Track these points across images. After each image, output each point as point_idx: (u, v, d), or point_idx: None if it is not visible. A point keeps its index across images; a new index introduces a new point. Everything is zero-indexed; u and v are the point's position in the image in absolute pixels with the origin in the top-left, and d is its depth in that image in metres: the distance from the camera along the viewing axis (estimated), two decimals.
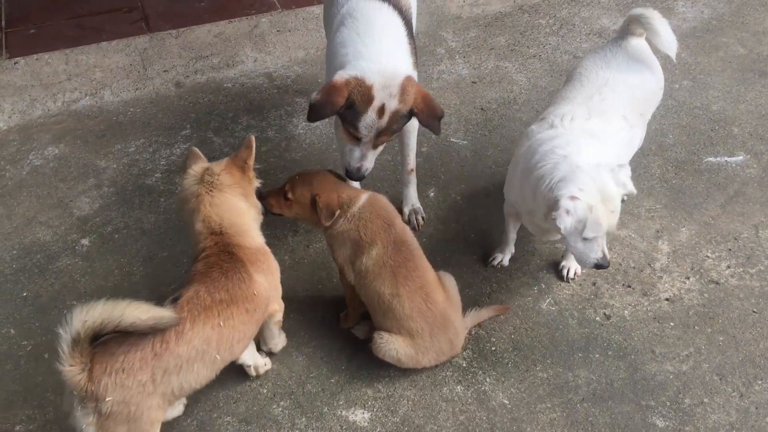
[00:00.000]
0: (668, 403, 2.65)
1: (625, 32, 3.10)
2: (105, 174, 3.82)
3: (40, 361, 2.88)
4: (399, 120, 2.57)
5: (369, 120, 2.54)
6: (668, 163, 3.75)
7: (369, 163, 2.76)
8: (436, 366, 2.77)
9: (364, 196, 2.75)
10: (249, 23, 4.89)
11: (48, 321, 3.03)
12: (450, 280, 2.80)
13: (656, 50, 3.12)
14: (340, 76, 2.51)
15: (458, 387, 2.73)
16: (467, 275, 3.16)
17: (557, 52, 4.69)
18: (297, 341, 2.92)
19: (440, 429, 2.59)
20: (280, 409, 2.68)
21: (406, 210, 3.42)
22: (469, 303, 2.93)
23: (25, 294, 3.16)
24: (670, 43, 2.98)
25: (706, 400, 2.66)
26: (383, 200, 2.80)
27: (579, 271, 3.12)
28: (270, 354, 2.83)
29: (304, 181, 2.78)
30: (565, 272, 3.12)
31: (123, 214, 3.56)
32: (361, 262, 2.69)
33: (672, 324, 2.93)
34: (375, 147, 2.70)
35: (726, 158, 3.75)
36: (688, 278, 3.12)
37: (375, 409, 2.67)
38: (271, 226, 3.43)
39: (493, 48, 4.73)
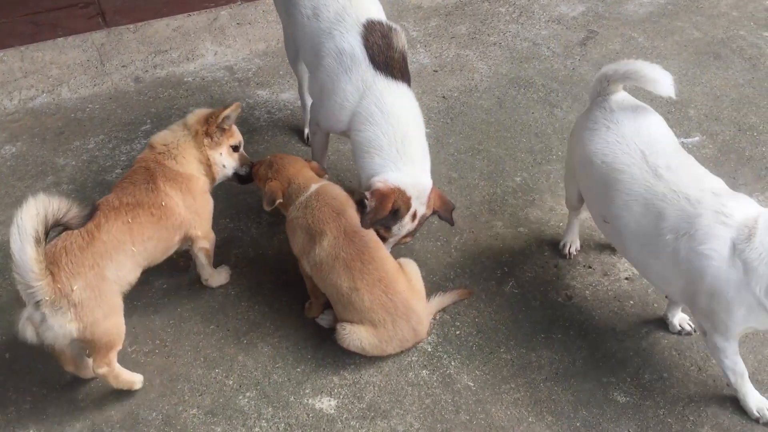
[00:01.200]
0: (629, 380, 2.70)
1: (604, 93, 2.83)
2: (64, 171, 3.77)
3: (0, 360, 2.84)
4: (424, 222, 2.95)
5: (405, 223, 2.84)
6: None
7: None
8: (402, 352, 2.78)
9: (315, 186, 2.80)
10: (208, 16, 4.84)
11: (8, 320, 2.98)
12: (412, 267, 2.82)
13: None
14: (386, 185, 2.77)
15: (424, 371, 2.75)
16: (431, 261, 3.18)
17: (517, 40, 4.72)
18: (262, 332, 2.92)
19: (406, 413, 2.61)
20: (246, 399, 2.68)
21: None
22: (432, 288, 2.95)
23: None
24: (669, 84, 2.64)
25: (665, 375, 2.72)
26: (335, 190, 2.82)
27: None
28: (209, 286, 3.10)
29: (272, 162, 2.91)
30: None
31: None
32: (315, 253, 2.70)
33: (632, 302, 2.98)
34: (396, 245, 2.99)
35: (683, 139, 3.81)
36: None
37: (341, 396, 2.68)
38: (234, 219, 3.43)
39: (454, 36, 4.76)
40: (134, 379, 2.69)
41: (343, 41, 2.96)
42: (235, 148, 2.98)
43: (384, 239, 2.86)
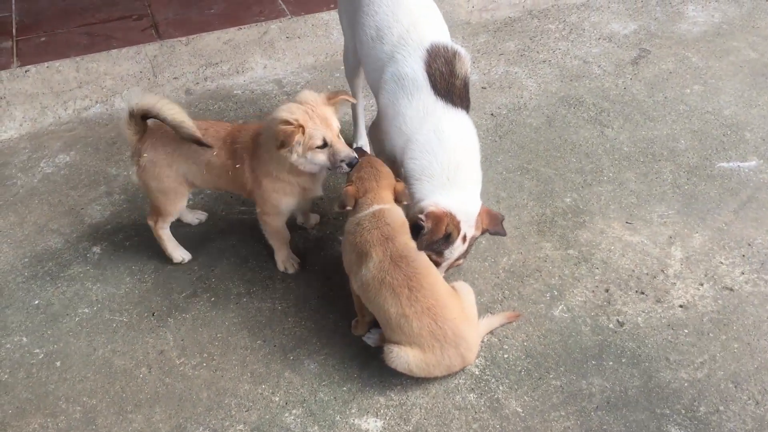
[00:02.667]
0: (683, 411, 2.62)
1: None
2: (116, 181, 3.83)
3: (51, 369, 2.88)
4: (474, 243, 2.93)
5: (457, 246, 2.81)
6: (680, 168, 3.73)
7: None
8: (449, 374, 2.75)
9: (376, 207, 2.75)
10: (258, 30, 4.89)
11: (60, 329, 3.04)
12: (467, 292, 2.78)
13: None
14: (438, 208, 2.76)
15: (471, 395, 2.71)
16: (479, 282, 3.14)
17: (567, 57, 4.67)
18: (309, 349, 2.91)
19: None
20: (292, 417, 2.67)
21: None
22: (480, 310, 2.91)
23: (36, 302, 3.16)
24: None
25: (721, 408, 2.64)
26: (393, 215, 2.76)
27: None
28: None
29: (361, 166, 2.85)
30: None
31: (134, 221, 3.56)
32: (361, 273, 2.69)
33: (686, 331, 2.91)
34: (448, 268, 2.95)
35: (738, 163, 3.73)
36: (701, 285, 3.09)
37: (387, 417, 2.66)
38: None
39: (503, 53, 4.73)
40: (173, 254, 3.29)
41: (406, 66, 2.95)
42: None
43: (437, 264, 2.84)
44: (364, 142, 3.93)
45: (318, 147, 2.79)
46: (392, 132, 3.00)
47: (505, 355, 2.85)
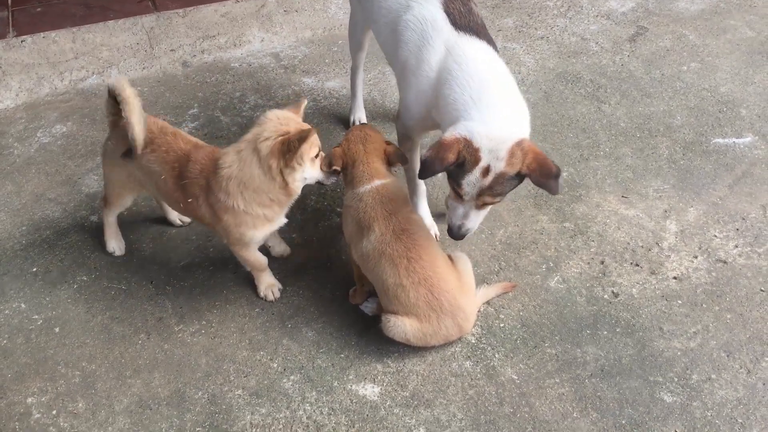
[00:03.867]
0: (676, 379, 2.66)
1: None
2: None
3: (50, 335, 2.89)
4: (505, 182, 2.51)
5: (472, 178, 2.50)
6: (676, 144, 3.75)
7: (471, 223, 2.68)
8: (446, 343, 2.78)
9: (377, 182, 2.74)
10: (256, 3, 4.87)
11: (58, 296, 3.05)
12: (464, 263, 2.79)
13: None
14: (450, 134, 2.50)
15: (467, 362, 2.75)
16: (476, 253, 3.17)
17: (565, 34, 4.68)
18: (306, 317, 2.93)
19: (449, 403, 2.61)
20: (290, 383, 2.70)
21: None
22: (477, 281, 2.92)
23: (35, 269, 3.17)
24: None
25: (713, 376, 2.68)
26: (394, 189, 2.75)
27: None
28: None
29: (350, 134, 2.84)
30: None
31: None
32: (362, 245, 2.71)
33: (680, 302, 2.94)
34: (478, 207, 2.65)
35: (734, 139, 3.75)
36: (695, 257, 3.13)
37: (384, 384, 2.69)
38: None
39: (501, 29, 4.72)
40: (108, 242, 3.21)
41: (423, 9, 2.78)
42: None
43: (459, 198, 2.62)
44: (361, 114, 3.93)
45: (314, 156, 2.66)
46: (421, 83, 2.76)
47: (501, 325, 2.88)
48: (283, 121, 2.60)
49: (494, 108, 2.52)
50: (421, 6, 2.81)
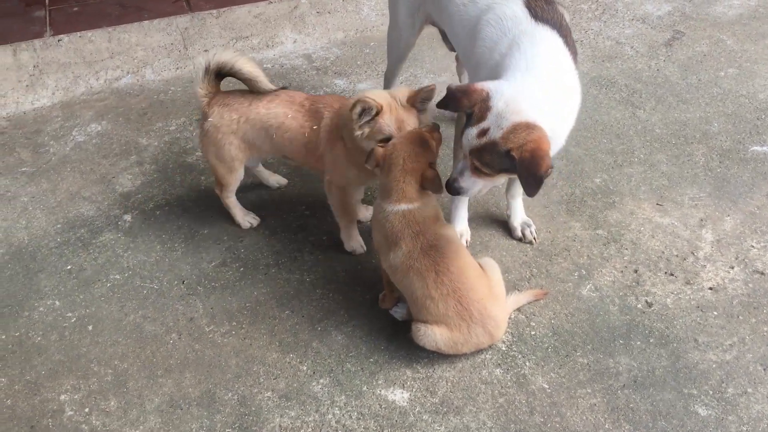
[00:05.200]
0: (711, 392, 2.61)
1: None
2: (146, 152, 3.87)
3: (83, 333, 2.93)
4: (493, 153, 2.40)
5: (470, 133, 2.44)
6: (712, 151, 3.69)
7: (465, 183, 2.60)
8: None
9: (404, 206, 2.66)
10: (289, 4, 4.89)
11: (92, 294, 3.08)
12: (494, 269, 2.77)
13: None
14: (481, 83, 2.44)
15: (497, 370, 2.72)
16: (507, 259, 3.14)
17: (599, 38, 4.62)
18: (336, 320, 2.93)
19: (479, 411, 2.59)
20: (319, 386, 2.70)
21: (516, 224, 3.24)
22: (508, 288, 2.90)
23: (69, 267, 3.21)
24: None
25: (749, 390, 2.62)
26: (424, 214, 2.68)
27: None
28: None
29: (396, 142, 2.71)
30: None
31: (164, 191, 3.60)
32: (389, 257, 2.70)
33: (715, 313, 2.89)
34: (474, 171, 2.55)
35: None
36: (732, 268, 3.07)
37: (414, 389, 2.68)
38: (310, 206, 3.46)
39: None
40: (242, 222, 3.36)
41: (504, 7, 2.70)
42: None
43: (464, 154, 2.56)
44: None
45: (379, 141, 2.76)
46: (487, 69, 2.67)
47: (532, 332, 2.86)
48: (393, 101, 2.77)
49: (537, 83, 2.43)
50: (504, 5, 2.73)
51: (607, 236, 3.24)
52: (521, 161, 2.33)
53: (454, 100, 2.47)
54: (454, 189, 2.66)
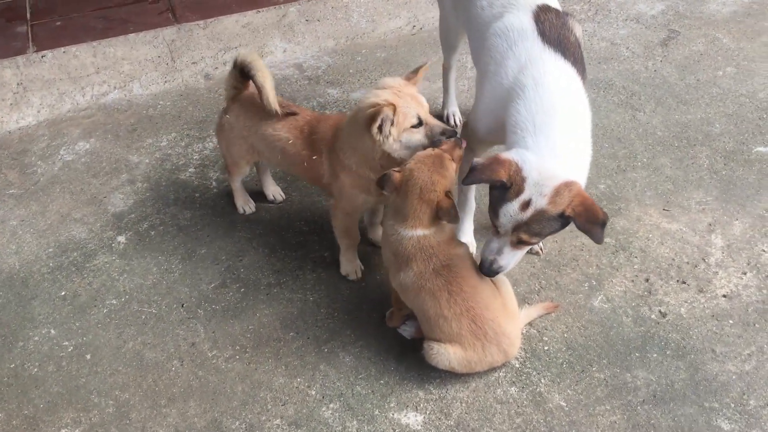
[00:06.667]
0: (732, 405, 2.55)
1: None
2: (138, 169, 3.75)
3: (81, 362, 2.82)
4: (544, 221, 2.36)
5: (511, 209, 2.37)
6: (716, 153, 3.63)
7: (504, 261, 2.52)
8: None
9: (419, 232, 2.56)
10: (277, 13, 4.79)
11: (88, 320, 2.98)
12: (506, 287, 2.69)
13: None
14: (507, 155, 2.39)
15: (512, 388, 2.65)
16: (514, 272, 3.04)
17: (594, 39, 4.57)
18: (343, 341, 2.85)
19: None
20: (329, 411, 2.61)
21: None
22: (518, 301, 2.81)
23: (63, 293, 3.10)
24: None
25: None
26: (438, 237, 2.58)
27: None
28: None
29: (414, 168, 2.55)
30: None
31: (158, 210, 3.49)
32: (400, 276, 2.61)
33: (731, 321, 2.83)
34: (514, 245, 2.49)
35: None
36: (744, 273, 3.01)
37: (428, 412, 2.59)
38: (309, 222, 3.37)
39: None
40: (237, 204, 3.44)
41: (513, 17, 2.66)
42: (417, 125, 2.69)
43: (497, 231, 2.49)
44: (455, 109, 3.93)
45: (413, 126, 2.65)
46: (494, 90, 2.62)
47: (546, 348, 2.78)
48: (392, 89, 2.68)
49: (553, 142, 2.39)
50: (513, 14, 2.69)
51: (615, 244, 3.17)
52: (578, 217, 2.34)
53: (486, 171, 2.38)
54: (492, 270, 2.54)
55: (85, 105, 4.25)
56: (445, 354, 2.55)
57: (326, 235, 3.27)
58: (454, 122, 3.89)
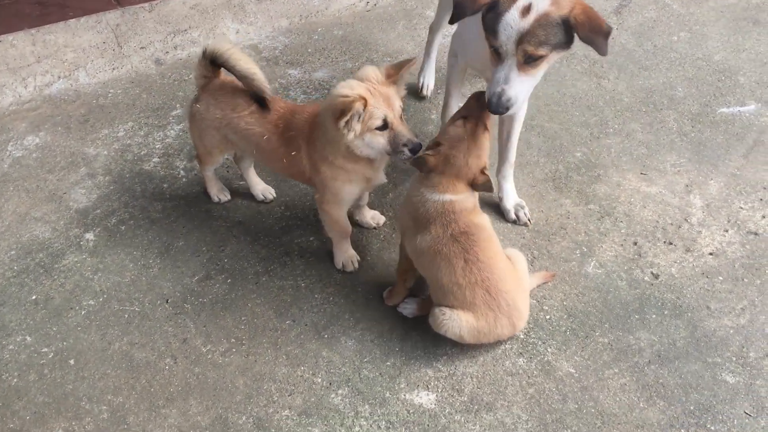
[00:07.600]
0: (734, 359, 2.62)
1: None
2: (96, 162, 3.54)
3: (65, 368, 2.65)
4: (549, 28, 2.16)
5: (509, 19, 2.16)
6: (683, 116, 3.71)
7: (513, 90, 2.30)
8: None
9: (448, 197, 2.51)
10: None
11: (66, 324, 2.79)
12: (520, 260, 2.66)
13: None
14: None
15: (520, 359, 2.64)
16: (505, 243, 3.04)
17: None
18: (343, 325, 2.77)
19: (511, 404, 2.50)
20: (339, 398, 2.54)
21: (509, 207, 3.14)
22: None
23: (34, 297, 2.90)
24: None
25: None
26: (463, 205, 2.54)
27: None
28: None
29: (448, 151, 2.50)
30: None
31: (125, 203, 3.31)
32: (416, 241, 2.56)
33: (721, 278, 2.90)
34: (521, 69, 2.28)
35: (738, 108, 3.74)
36: (726, 231, 3.09)
37: (439, 389, 2.55)
38: (290, 206, 3.26)
39: None
40: (211, 193, 3.30)
41: None
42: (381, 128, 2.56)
43: (499, 56, 2.30)
44: (430, 81, 3.86)
45: (377, 128, 2.52)
46: None
47: (547, 317, 2.78)
48: (368, 84, 2.53)
49: None
50: None
51: (599, 210, 3.20)
52: (581, 26, 2.18)
53: (468, 2, 2.21)
54: (502, 104, 2.34)
55: (28, 97, 3.98)
56: (458, 320, 2.50)
57: (309, 219, 3.17)
58: (427, 95, 3.83)
